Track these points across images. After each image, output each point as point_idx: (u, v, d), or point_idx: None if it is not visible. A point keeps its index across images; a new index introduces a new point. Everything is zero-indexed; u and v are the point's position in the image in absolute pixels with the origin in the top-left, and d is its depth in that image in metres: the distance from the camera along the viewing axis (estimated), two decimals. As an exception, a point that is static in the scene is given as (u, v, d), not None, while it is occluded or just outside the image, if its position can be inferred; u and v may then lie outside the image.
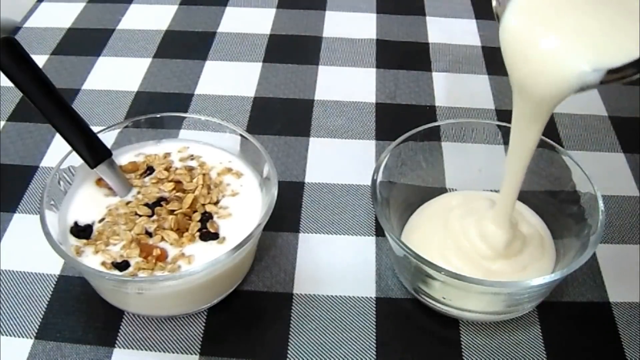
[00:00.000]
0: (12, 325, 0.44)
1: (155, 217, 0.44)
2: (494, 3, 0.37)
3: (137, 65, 0.68)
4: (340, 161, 0.57)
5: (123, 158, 0.48)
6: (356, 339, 0.44)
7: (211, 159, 0.49)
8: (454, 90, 0.66)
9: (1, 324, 0.44)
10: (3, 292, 0.46)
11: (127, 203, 0.45)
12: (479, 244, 0.43)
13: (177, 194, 0.45)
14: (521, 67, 0.36)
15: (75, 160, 0.45)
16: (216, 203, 0.45)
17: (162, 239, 0.42)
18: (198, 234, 0.43)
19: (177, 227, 0.43)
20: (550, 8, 0.35)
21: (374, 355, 0.43)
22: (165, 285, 0.41)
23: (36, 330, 0.44)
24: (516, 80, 0.37)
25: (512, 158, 0.41)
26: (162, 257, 0.41)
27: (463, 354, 0.43)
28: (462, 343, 0.44)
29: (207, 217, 0.44)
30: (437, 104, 0.63)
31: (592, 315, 0.46)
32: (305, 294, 0.46)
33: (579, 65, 0.33)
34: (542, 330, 0.45)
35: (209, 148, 0.50)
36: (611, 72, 0.33)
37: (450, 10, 0.78)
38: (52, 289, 0.46)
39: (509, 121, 0.49)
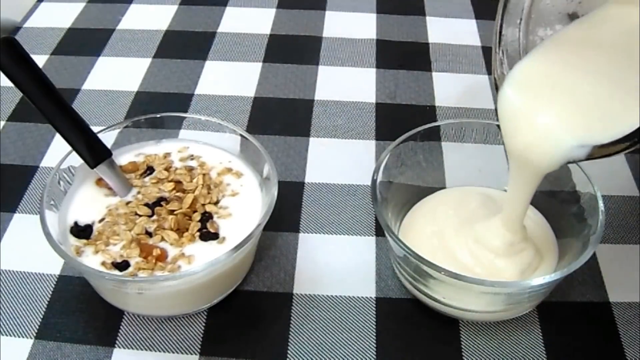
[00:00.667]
0: (12, 325, 0.44)
1: (155, 217, 0.44)
2: (495, 74, 0.39)
3: (137, 65, 0.68)
4: (340, 161, 0.57)
5: (123, 158, 0.48)
6: (356, 339, 0.44)
7: (211, 159, 0.49)
8: (454, 90, 0.66)
9: (1, 324, 0.44)
10: (3, 292, 0.46)
11: (127, 203, 0.45)
12: (483, 245, 0.43)
13: (177, 194, 0.45)
14: (514, 137, 0.38)
15: (75, 160, 0.45)
16: (216, 203, 0.45)
17: (162, 239, 0.42)
18: (198, 234, 0.43)
19: (177, 227, 0.43)
20: (546, 82, 0.37)
21: (374, 355, 0.43)
22: (165, 285, 0.41)
23: (36, 330, 0.44)
24: (509, 149, 0.39)
25: (512, 204, 0.43)
26: (162, 257, 0.41)
27: (463, 354, 0.43)
28: (462, 343, 0.44)
29: (207, 217, 0.44)
30: (437, 104, 0.63)
31: (592, 315, 0.46)
32: (305, 294, 0.46)
33: (567, 140, 0.35)
34: (542, 330, 0.45)
35: (209, 148, 0.50)
36: (599, 147, 0.35)
37: (450, 10, 0.78)
38: (52, 289, 0.46)
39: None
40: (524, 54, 0.39)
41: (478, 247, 0.43)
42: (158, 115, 0.49)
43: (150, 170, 0.47)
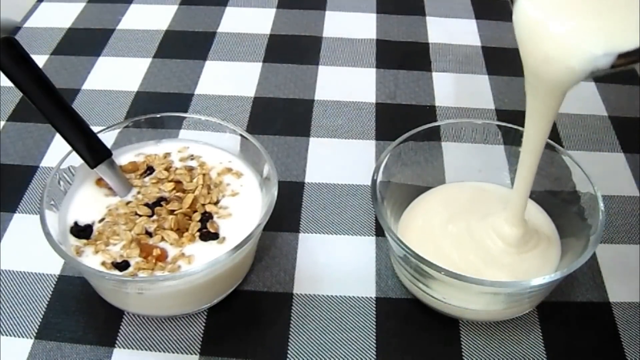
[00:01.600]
0: (12, 325, 0.44)
1: (155, 217, 0.44)
2: None
3: (137, 65, 0.68)
4: (340, 161, 0.57)
5: (123, 158, 0.48)
6: (356, 339, 0.44)
7: (211, 159, 0.49)
8: (454, 90, 0.66)
9: (1, 324, 0.44)
10: (3, 292, 0.46)
11: (127, 203, 0.45)
12: (491, 241, 0.43)
13: (177, 194, 0.45)
14: (533, 51, 0.36)
15: (75, 160, 0.45)
16: (216, 203, 0.45)
17: (162, 239, 0.42)
18: (198, 234, 0.43)
19: (177, 227, 0.43)
20: None
21: (374, 355, 0.43)
22: (165, 285, 0.41)
23: (36, 330, 0.44)
24: (529, 64, 0.37)
25: (526, 145, 0.41)
26: (162, 257, 0.41)
27: (463, 354, 0.43)
28: (462, 343, 0.44)
29: (207, 217, 0.44)
30: (437, 104, 0.63)
31: (592, 315, 0.46)
32: (305, 294, 0.46)
33: (591, 48, 0.33)
34: (542, 330, 0.45)
35: (209, 148, 0.50)
36: (621, 56, 0.33)
37: (450, 10, 0.78)
38: (52, 289, 0.46)
39: (509, 121, 0.49)
40: None
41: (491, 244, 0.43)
42: (158, 115, 0.49)
43: (150, 170, 0.47)
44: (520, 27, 0.37)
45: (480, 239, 0.44)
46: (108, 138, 0.47)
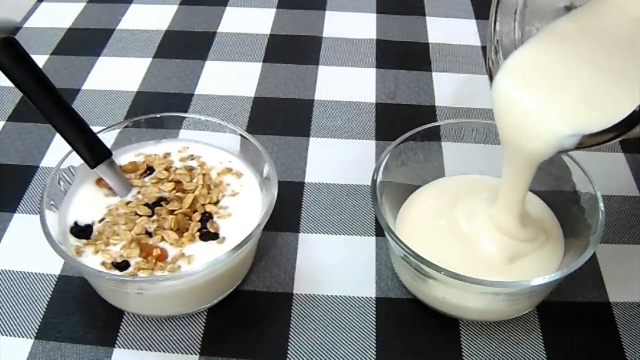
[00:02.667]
0: (12, 325, 0.44)
1: (155, 217, 0.44)
2: (489, 63, 0.40)
3: (137, 65, 0.68)
4: (340, 161, 0.57)
5: (123, 158, 0.48)
6: (356, 339, 0.44)
7: (211, 159, 0.49)
8: (454, 90, 0.66)
9: (1, 324, 0.44)
10: (3, 292, 0.46)
11: (127, 203, 0.45)
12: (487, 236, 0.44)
13: (177, 194, 0.45)
14: (507, 125, 0.39)
15: (75, 160, 0.45)
16: (216, 203, 0.45)
17: (162, 239, 0.42)
18: (198, 234, 0.43)
19: (177, 227, 0.43)
20: (541, 71, 0.38)
21: (374, 355, 0.43)
22: (165, 285, 0.41)
23: (36, 330, 0.44)
24: (502, 137, 0.40)
25: (507, 196, 0.43)
26: (162, 257, 0.41)
27: (463, 354, 0.43)
28: (462, 343, 0.44)
29: (207, 217, 0.44)
30: (437, 104, 0.63)
31: (592, 315, 0.46)
32: (305, 294, 0.46)
33: (560, 128, 0.36)
34: (542, 330, 0.45)
35: (209, 148, 0.50)
36: (591, 136, 0.35)
37: (450, 10, 0.78)
38: (52, 289, 0.46)
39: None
40: (519, 45, 0.39)
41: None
42: (158, 115, 0.49)
43: (150, 170, 0.47)
44: (495, 102, 0.39)
45: (475, 233, 0.44)
46: (108, 138, 0.47)
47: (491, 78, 0.39)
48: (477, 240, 0.44)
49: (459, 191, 0.48)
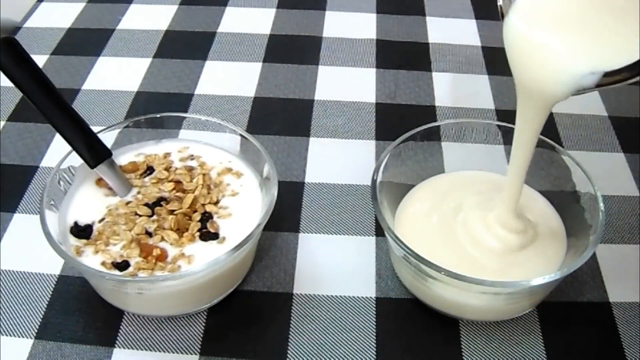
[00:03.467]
0: (12, 325, 0.44)
1: (155, 217, 0.44)
2: (499, 1, 0.38)
3: (137, 65, 0.68)
4: (340, 161, 0.57)
5: (123, 158, 0.48)
6: (356, 339, 0.44)
7: (211, 159, 0.49)
8: (454, 90, 0.66)
9: (1, 324, 0.44)
10: (3, 292, 0.46)
11: (127, 203, 0.45)
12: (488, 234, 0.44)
13: (177, 194, 0.45)
14: (522, 66, 0.37)
15: (75, 160, 0.45)
16: (216, 203, 0.45)
17: (162, 239, 0.42)
18: (198, 234, 0.43)
19: (177, 227, 0.43)
20: (554, 10, 0.36)
21: (374, 355, 0.43)
22: (165, 285, 0.41)
23: (36, 330, 0.44)
24: (518, 78, 0.38)
25: (516, 148, 0.42)
26: (162, 257, 0.41)
27: (463, 354, 0.43)
28: (462, 343, 0.44)
29: (207, 217, 0.44)
30: (437, 104, 0.63)
31: (592, 315, 0.46)
32: (305, 294, 0.46)
33: (577, 67, 0.34)
34: (542, 330, 0.45)
35: (209, 148, 0.50)
36: (607, 75, 0.34)
37: (450, 10, 0.78)
38: (52, 289, 0.46)
39: (509, 121, 0.49)
40: None
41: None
42: (158, 115, 0.49)
43: (150, 170, 0.47)
44: (509, 42, 0.38)
45: (473, 230, 0.44)
46: (108, 138, 0.47)
47: (502, 17, 0.38)
48: (474, 237, 0.44)
49: (453, 187, 0.48)
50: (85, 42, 0.71)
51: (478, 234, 0.44)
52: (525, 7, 0.37)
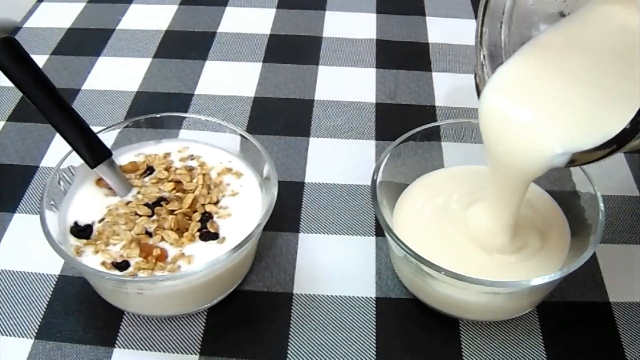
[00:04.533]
0: (12, 325, 0.44)
1: (155, 217, 0.44)
2: (476, 79, 0.39)
3: (137, 65, 0.68)
4: (340, 161, 0.57)
5: (123, 158, 0.48)
6: (356, 339, 0.44)
7: (211, 159, 0.49)
8: (454, 90, 0.66)
9: (1, 324, 0.44)
10: (3, 292, 0.46)
11: (127, 203, 0.45)
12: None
13: (177, 194, 0.45)
14: (496, 143, 0.38)
15: (75, 160, 0.45)
16: (216, 203, 0.45)
17: (162, 239, 0.42)
18: (198, 234, 0.43)
19: (177, 227, 0.43)
20: (529, 87, 0.37)
21: (374, 355, 0.43)
22: (165, 285, 0.41)
23: (36, 330, 0.44)
24: (491, 154, 0.39)
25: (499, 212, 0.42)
26: (162, 257, 0.41)
27: (463, 354, 0.43)
28: (462, 343, 0.44)
29: (207, 217, 0.44)
30: (437, 104, 0.63)
31: (592, 315, 0.46)
32: (305, 294, 0.46)
33: (551, 146, 0.35)
34: (542, 330, 0.45)
35: (209, 148, 0.50)
36: (580, 153, 0.34)
37: (450, 10, 0.78)
38: (52, 289, 0.46)
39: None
40: (507, 56, 0.39)
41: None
42: (158, 115, 0.49)
43: (150, 170, 0.47)
44: (483, 117, 0.38)
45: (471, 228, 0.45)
46: (108, 138, 0.47)
47: (479, 94, 0.39)
48: (473, 234, 0.44)
49: (448, 183, 0.48)
50: (85, 42, 0.71)
51: (475, 233, 0.44)
52: (501, 82, 0.38)
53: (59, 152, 0.47)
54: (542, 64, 0.37)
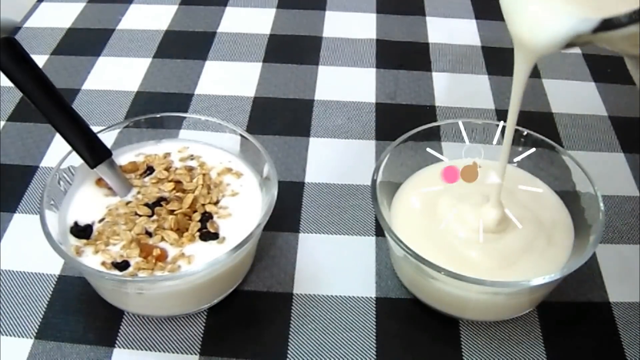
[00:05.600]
0: (12, 325, 0.44)
1: (155, 217, 0.44)
2: None
3: (137, 65, 0.68)
4: (340, 161, 0.57)
5: (123, 158, 0.48)
6: (356, 339, 0.44)
7: (211, 159, 0.49)
8: (454, 90, 0.66)
9: (1, 324, 0.44)
10: (3, 292, 0.46)
11: (127, 203, 0.45)
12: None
13: (177, 194, 0.45)
14: (516, 13, 0.36)
15: (75, 160, 0.45)
16: (216, 203, 0.45)
17: (162, 239, 0.42)
18: (198, 234, 0.43)
19: (177, 227, 0.43)
20: None
21: (374, 355, 0.43)
22: (165, 285, 0.41)
23: (36, 330, 0.44)
24: (511, 27, 0.37)
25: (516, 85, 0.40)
26: (162, 257, 0.41)
27: (463, 354, 0.43)
28: (462, 343, 0.44)
29: (207, 217, 0.44)
30: (437, 104, 0.63)
31: (592, 315, 0.46)
32: (305, 294, 0.46)
33: (572, 14, 0.33)
34: (542, 330, 0.45)
35: (209, 148, 0.50)
36: (604, 26, 0.31)
37: (450, 10, 0.78)
38: (52, 289, 0.46)
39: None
40: None
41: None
42: (158, 115, 0.49)
43: (150, 170, 0.47)
44: None
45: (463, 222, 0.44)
46: (108, 138, 0.47)
47: None
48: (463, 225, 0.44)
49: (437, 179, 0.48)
50: (85, 42, 0.71)
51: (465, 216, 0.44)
52: None
53: (59, 152, 0.47)
54: None
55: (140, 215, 0.44)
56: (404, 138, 0.48)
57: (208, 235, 0.43)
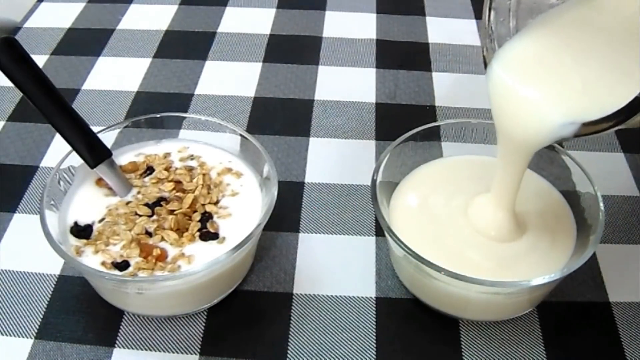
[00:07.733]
0: (12, 325, 0.44)
1: (155, 217, 0.44)
2: (483, 50, 0.39)
3: (137, 65, 0.68)
4: (340, 161, 0.57)
5: (123, 158, 0.48)
6: (356, 339, 0.44)
7: (211, 159, 0.49)
8: (454, 90, 0.66)
9: (1, 324, 0.44)
10: (3, 292, 0.46)
11: (127, 203, 0.45)
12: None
13: (177, 194, 0.45)
14: (502, 114, 0.38)
15: (75, 160, 0.45)
16: (216, 203, 0.45)
17: (162, 239, 0.42)
18: (198, 234, 0.43)
19: (177, 227, 0.43)
20: (536, 60, 0.37)
21: (374, 355, 0.43)
22: (165, 285, 0.41)
23: (36, 330, 0.44)
24: (498, 126, 0.39)
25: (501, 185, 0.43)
26: (162, 257, 0.41)
27: (463, 354, 0.43)
28: (462, 343, 0.44)
29: (207, 217, 0.44)
30: (437, 104, 0.63)
31: (592, 315, 0.46)
32: (305, 294, 0.46)
33: (555, 117, 0.35)
34: (542, 330, 0.45)
35: (209, 148, 0.50)
36: (586, 125, 0.34)
37: (450, 10, 0.78)
38: (52, 289, 0.46)
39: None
40: (514, 33, 0.39)
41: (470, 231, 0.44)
42: (158, 115, 0.49)
43: (150, 170, 0.47)
44: (491, 91, 0.39)
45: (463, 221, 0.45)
46: (108, 138, 0.47)
47: (485, 65, 0.39)
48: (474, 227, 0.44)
49: (443, 177, 0.48)
50: (85, 42, 0.71)
51: (476, 221, 0.44)
52: (508, 55, 0.38)
53: (59, 152, 0.47)
54: (548, 39, 0.37)
55: (140, 215, 0.44)
56: (404, 138, 0.48)
57: (208, 235, 0.43)
